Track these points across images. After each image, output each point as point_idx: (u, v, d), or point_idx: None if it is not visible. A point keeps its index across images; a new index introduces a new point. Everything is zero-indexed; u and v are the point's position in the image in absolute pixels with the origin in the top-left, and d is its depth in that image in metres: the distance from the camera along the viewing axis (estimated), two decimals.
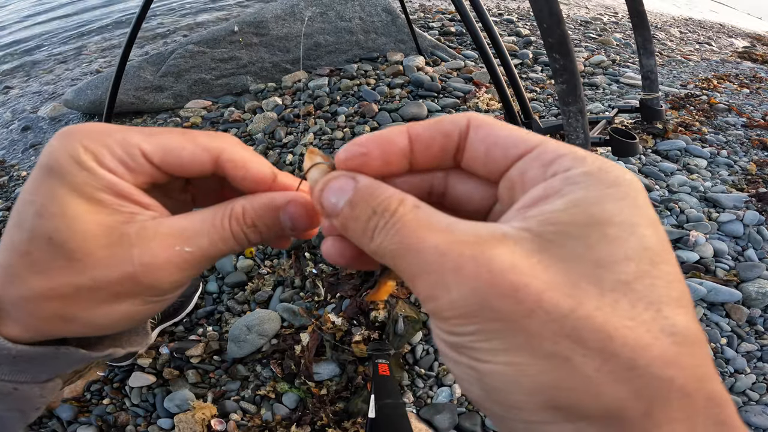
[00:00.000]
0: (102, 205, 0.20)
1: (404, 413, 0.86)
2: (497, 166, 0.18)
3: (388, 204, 0.17)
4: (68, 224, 0.19)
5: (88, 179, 0.19)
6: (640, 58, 1.50)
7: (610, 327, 0.13)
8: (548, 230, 0.15)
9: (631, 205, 0.15)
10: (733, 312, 1.25)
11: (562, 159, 0.16)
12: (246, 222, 0.22)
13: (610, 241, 0.14)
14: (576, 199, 0.15)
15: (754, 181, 1.74)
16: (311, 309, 1.24)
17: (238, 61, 2.37)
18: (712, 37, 4.04)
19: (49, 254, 0.19)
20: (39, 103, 2.49)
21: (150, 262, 0.20)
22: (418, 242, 0.16)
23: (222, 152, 0.22)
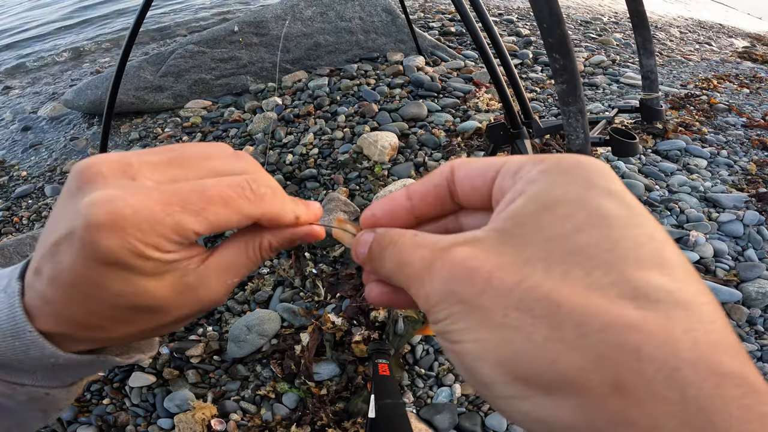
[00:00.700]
0: (167, 273, 0.22)
1: (404, 413, 0.86)
2: (483, 192, 0.21)
3: (392, 237, 0.21)
4: (147, 297, 0.22)
5: (154, 266, 0.21)
6: (640, 58, 1.50)
7: (557, 295, 0.14)
8: (508, 224, 0.16)
9: (583, 184, 0.16)
10: (733, 312, 1.25)
11: (525, 165, 0.18)
12: (271, 250, 0.27)
13: (560, 219, 0.15)
14: (532, 193, 0.17)
15: (754, 181, 1.74)
16: (311, 309, 1.24)
17: (238, 61, 2.37)
18: (712, 37, 4.04)
19: (136, 314, 0.22)
20: (39, 103, 2.49)
21: (213, 298, 0.24)
22: (410, 256, 0.19)
23: (262, 216, 0.24)
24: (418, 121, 1.98)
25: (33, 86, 2.62)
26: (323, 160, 1.80)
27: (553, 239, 0.15)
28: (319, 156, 1.82)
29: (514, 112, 1.21)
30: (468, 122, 1.93)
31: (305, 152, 1.84)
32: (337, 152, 1.82)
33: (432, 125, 1.95)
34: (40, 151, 2.16)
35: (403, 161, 1.77)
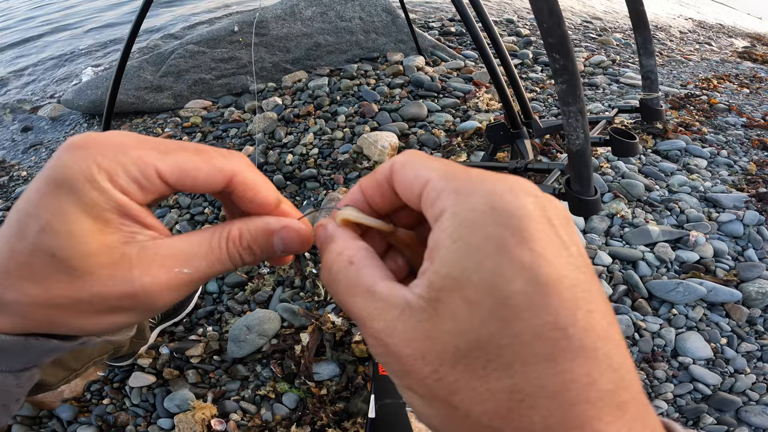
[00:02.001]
0: (107, 224, 0.20)
1: (404, 413, 0.86)
2: (415, 205, 0.20)
3: (329, 260, 0.21)
4: (72, 243, 0.19)
5: (99, 199, 0.19)
6: (640, 58, 1.50)
7: (455, 386, 0.16)
8: (431, 297, 0.17)
9: (493, 252, 0.16)
10: (733, 312, 1.25)
11: (440, 196, 0.18)
12: (242, 244, 0.23)
13: (469, 307, 0.16)
14: (444, 258, 0.17)
15: (754, 181, 1.74)
16: (311, 309, 1.24)
17: (238, 61, 2.37)
18: (712, 37, 4.04)
19: (51, 268, 0.19)
20: (39, 103, 2.49)
21: (150, 283, 0.21)
22: (345, 303, 0.20)
23: (235, 174, 0.22)
24: (418, 121, 1.98)
25: (33, 86, 2.62)
26: (323, 160, 1.80)
27: (463, 333, 0.16)
28: (319, 156, 1.82)
29: (514, 112, 1.21)
30: (468, 122, 1.93)
31: (305, 152, 1.84)
32: (337, 152, 1.82)
33: (432, 125, 1.95)
34: (41, 151, 2.16)
35: None
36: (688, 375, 1.13)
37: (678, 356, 1.17)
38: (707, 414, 1.06)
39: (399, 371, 0.18)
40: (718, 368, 1.14)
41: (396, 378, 0.19)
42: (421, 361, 0.17)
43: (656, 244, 1.41)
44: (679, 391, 1.10)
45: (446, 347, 0.16)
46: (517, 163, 1.18)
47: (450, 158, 1.76)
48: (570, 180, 0.93)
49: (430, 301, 0.17)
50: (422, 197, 0.19)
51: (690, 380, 1.12)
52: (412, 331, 0.17)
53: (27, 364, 0.23)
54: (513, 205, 0.16)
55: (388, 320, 0.18)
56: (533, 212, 0.16)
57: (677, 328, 1.22)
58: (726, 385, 1.11)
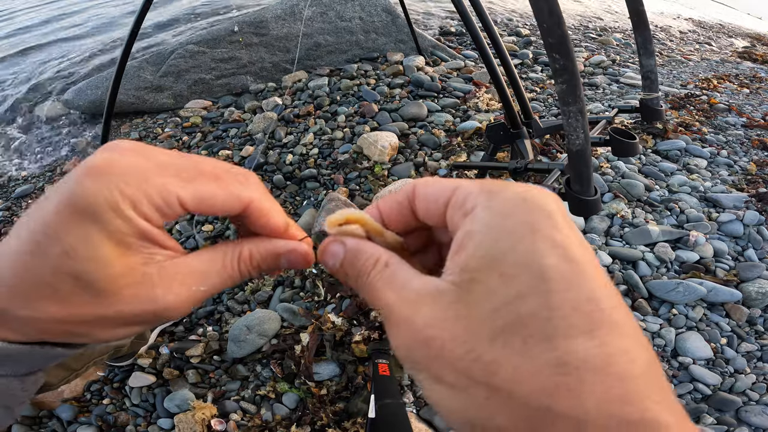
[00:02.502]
0: (129, 248, 0.21)
1: (404, 413, 0.86)
2: (437, 216, 0.22)
3: (365, 266, 0.22)
4: (98, 267, 0.20)
5: (123, 227, 0.20)
6: (640, 58, 1.50)
7: (495, 365, 0.16)
8: (464, 279, 0.18)
9: (528, 233, 0.17)
10: (733, 312, 1.25)
11: (470, 197, 0.19)
12: (252, 264, 0.25)
13: (505, 282, 0.16)
14: (479, 242, 0.18)
15: (754, 181, 1.74)
16: (311, 309, 1.24)
17: (238, 61, 2.37)
18: (712, 37, 4.04)
19: (75, 289, 0.20)
20: (39, 103, 2.49)
21: (173, 301, 0.22)
22: (380, 301, 0.20)
23: (251, 202, 0.24)
24: (418, 121, 1.98)
25: (33, 86, 2.62)
26: (323, 160, 1.80)
27: (499, 309, 0.16)
28: (319, 156, 1.82)
29: (514, 112, 1.21)
30: (468, 122, 1.93)
31: (305, 152, 1.84)
32: (337, 152, 1.82)
33: (432, 125, 1.95)
34: (40, 151, 2.16)
35: (403, 161, 1.77)
36: (688, 375, 1.13)
37: (678, 356, 1.17)
38: (707, 414, 1.06)
39: (427, 357, 0.18)
40: (718, 368, 1.14)
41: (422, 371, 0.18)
42: (452, 342, 0.17)
43: (656, 244, 1.41)
44: (679, 391, 1.10)
45: (481, 325, 0.17)
46: (517, 163, 1.18)
47: (450, 158, 1.76)
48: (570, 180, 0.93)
49: (462, 284, 0.18)
50: (450, 201, 0.20)
51: (690, 380, 1.12)
52: (441, 313, 0.18)
53: (32, 368, 0.23)
54: (541, 199, 0.18)
55: (417, 306, 0.18)
56: (557, 207, 0.18)
57: (677, 328, 1.22)
58: (726, 385, 1.11)
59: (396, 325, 0.19)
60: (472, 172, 1.62)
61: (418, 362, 0.18)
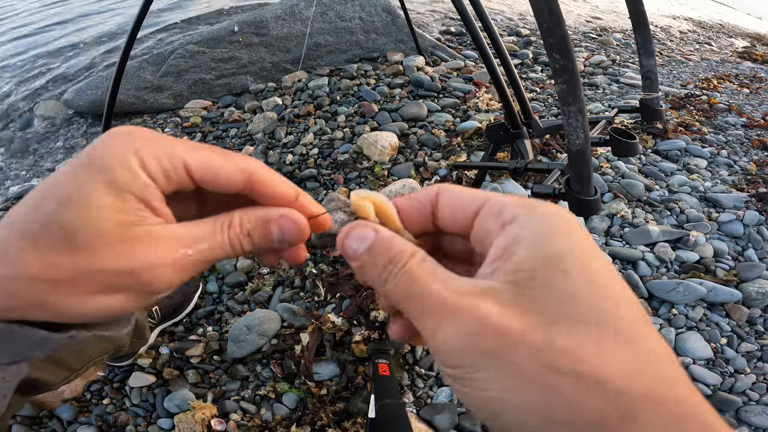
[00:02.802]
0: (124, 204, 0.21)
1: (404, 413, 0.86)
2: (462, 223, 0.22)
3: (401, 256, 0.21)
4: (86, 215, 0.20)
5: (124, 179, 0.21)
6: (640, 58, 1.50)
7: (579, 354, 0.17)
8: (519, 277, 0.18)
9: (575, 240, 0.19)
10: (733, 312, 1.25)
11: (507, 209, 0.20)
12: (242, 231, 0.24)
13: (568, 278, 0.18)
14: (531, 245, 0.19)
15: (754, 181, 1.74)
16: (311, 309, 1.24)
17: (238, 61, 2.37)
18: (712, 37, 4.04)
19: (57, 239, 0.20)
20: (38, 103, 2.49)
21: (153, 261, 0.21)
22: (424, 288, 0.19)
23: (255, 172, 0.24)
24: (418, 121, 1.98)
25: (33, 86, 2.62)
26: (323, 160, 1.80)
27: (566, 300, 0.17)
28: (319, 156, 1.82)
29: (514, 112, 1.21)
30: (468, 122, 1.93)
31: (305, 152, 1.84)
32: (337, 152, 1.82)
33: (432, 125, 1.95)
34: (40, 151, 2.16)
35: (403, 161, 1.77)
36: (688, 375, 1.13)
37: (678, 356, 1.17)
38: None
39: (505, 347, 0.17)
40: (718, 368, 1.14)
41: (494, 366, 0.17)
42: (531, 331, 0.17)
43: (656, 244, 1.41)
44: None
45: (553, 316, 0.17)
46: (517, 163, 1.18)
47: (450, 158, 1.76)
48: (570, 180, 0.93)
49: (520, 281, 0.18)
50: (482, 211, 0.21)
51: (690, 380, 1.12)
52: (508, 305, 0.18)
53: (14, 358, 0.22)
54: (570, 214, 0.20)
55: (478, 298, 0.18)
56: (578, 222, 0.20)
57: (677, 328, 1.22)
58: (726, 385, 1.11)
59: (452, 315, 0.18)
60: (472, 172, 1.62)
61: (488, 353, 0.17)
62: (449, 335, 0.18)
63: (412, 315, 0.20)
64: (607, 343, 0.17)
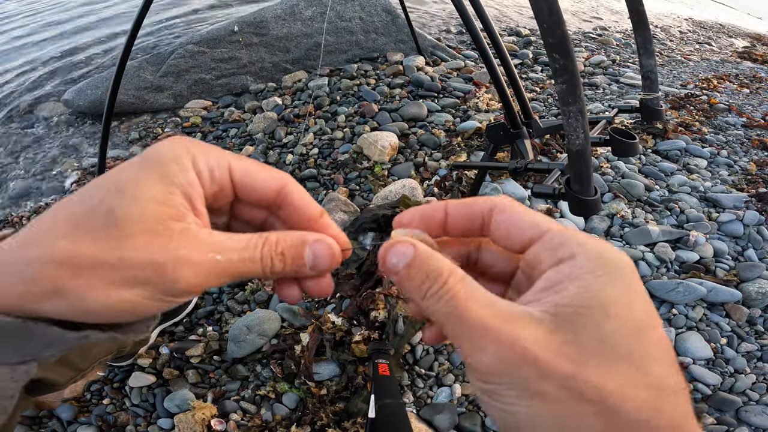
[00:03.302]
0: (170, 196, 0.22)
1: (404, 413, 0.86)
2: (515, 244, 0.24)
3: (440, 272, 0.22)
4: (133, 202, 0.21)
5: (174, 171, 0.22)
6: (640, 58, 1.50)
7: (604, 385, 0.18)
8: (563, 312, 0.20)
9: (626, 287, 0.20)
10: (733, 312, 1.25)
11: (567, 245, 0.21)
12: (276, 249, 0.25)
13: (611, 319, 0.19)
14: (584, 285, 0.20)
15: (754, 181, 1.74)
16: (311, 309, 1.24)
17: (238, 61, 2.37)
18: (712, 37, 4.04)
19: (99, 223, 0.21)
20: (38, 103, 2.49)
21: (182, 258, 0.21)
22: (467, 312, 0.20)
23: (287, 184, 0.26)
24: (418, 121, 1.98)
25: (33, 86, 2.62)
26: (323, 160, 1.80)
27: (606, 338, 0.19)
28: (319, 156, 1.82)
29: (514, 112, 1.21)
30: (468, 122, 1.93)
31: (305, 152, 1.84)
32: (337, 152, 1.82)
33: (432, 125, 1.95)
34: (39, 151, 2.16)
35: (403, 161, 1.76)
36: (688, 375, 1.13)
37: (678, 356, 1.17)
38: (707, 414, 1.06)
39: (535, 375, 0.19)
40: (718, 368, 1.14)
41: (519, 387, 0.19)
42: (563, 361, 0.19)
43: (656, 244, 1.41)
44: None
45: (590, 351, 0.19)
46: (517, 163, 1.18)
47: (450, 158, 1.76)
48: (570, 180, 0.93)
49: (563, 315, 0.20)
50: (541, 240, 0.22)
51: (690, 380, 1.12)
52: (546, 336, 0.19)
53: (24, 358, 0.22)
54: (628, 260, 0.22)
55: (518, 326, 0.20)
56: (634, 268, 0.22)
57: (677, 328, 1.22)
58: (726, 385, 1.11)
59: (494, 341, 0.20)
60: (472, 172, 1.62)
61: (522, 378, 0.19)
62: (488, 359, 0.20)
63: (450, 333, 0.21)
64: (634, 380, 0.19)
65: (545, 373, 0.19)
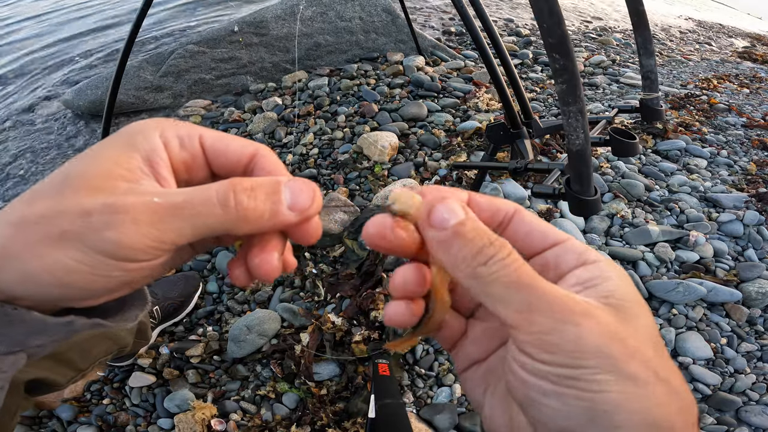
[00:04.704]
0: (127, 160, 0.21)
1: (404, 413, 0.86)
2: (533, 245, 0.24)
3: (505, 244, 0.21)
4: (89, 162, 0.21)
5: (140, 140, 0.22)
6: (640, 58, 1.50)
7: (665, 367, 0.20)
8: (612, 302, 0.21)
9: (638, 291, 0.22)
10: (733, 312, 1.25)
11: (590, 252, 0.23)
12: (242, 184, 0.21)
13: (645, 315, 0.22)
14: (616, 284, 0.22)
15: (754, 181, 1.74)
16: (311, 309, 1.24)
17: (238, 61, 2.37)
18: (712, 37, 4.04)
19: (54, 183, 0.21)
20: (38, 103, 2.49)
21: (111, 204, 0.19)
22: (540, 286, 0.20)
23: (259, 149, 0.25)
24: (418, 121, 1.98)
25: (32, 86, 2.62)
26: (323, 160, 1.80)
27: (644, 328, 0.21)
28: (319, 156, 1.82)
29: (514, 112, 1.21)
30: (468, 122, 1.93)
31: (305, 152, 1.84)
32: (337, 152, 1.82)
33: (432, 125, 1.95)
34: (39, 152, 2.16)
35: (403, 161, 1.76)
36: (688, 375, 1.13)
37: (678, 356, 1.17)
38: (707, 414, 1.06)
39: (624, 354, 0.19)
40: (718, 368, 1.14)
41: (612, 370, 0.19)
42: (642, 343, 0.20)
43: (656, 244, 1.41)
44: None
45: (646, 337, 0.20)
46: (517, 163, 1.18)
47: (450, 158, 1.76)
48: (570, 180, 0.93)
49: (612, 305, 0.21)
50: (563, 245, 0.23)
51: (690, 380, 1.12)
52: (617, 319, 0.20)
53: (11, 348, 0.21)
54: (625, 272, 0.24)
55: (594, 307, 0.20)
56: None
57: (677, 328, 1.22)
58: (726, 385, 1.11)
59: (585, 316, 0.19)
60: (472, 172, 1.62)
61: (613, 356, 0.19)
62: (579, 333, 0.19)
63: (517, 306, 0.20)
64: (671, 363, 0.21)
65: (632, 352, 0.19)
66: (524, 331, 0.20)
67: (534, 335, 0.19)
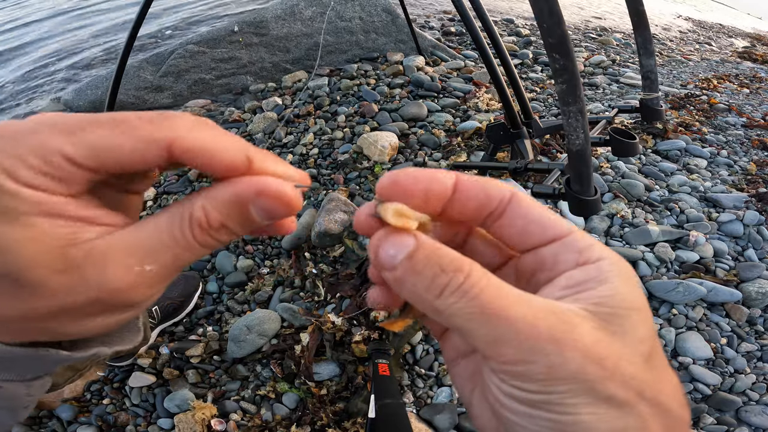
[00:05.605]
0: (36, 230, 0.16)
1: (404, 413, 0.86)
2: (529, 240, 0.21)
3: (460, 265, 0.18)
4: (14, 258, 0.16)
5: (11, 203, 0.16)
6: (640, 58, 1.50)
7: (657, 385, 0.19)
8: (603, 311, 0.19)
9: (641, 293, 0.21)
10: (733, 312, 1.25)
11: (594, 248, 0.21)
12: (212, 225, 0.19)
13: (642, 323, 0.19)
14: (614, 288, 0.19)
15: (754, 181, 1.74)
16: (311, 309, 1.24)
17: (238, 61, 2.37)
18: (712, 37, 4.04)
19: (12, 287, 0.17)
20: (38, 103, 2.49)
21: (113, 286, 0.18)
22: (502, 311, 0.17)
23: (173, 142, 0.18)
24: (418, 121, 1.98)
25: (32, 86, 2.62)
26: (323, 160, 1.80)
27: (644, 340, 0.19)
28: (319, 156, 1.82)
29: (514, 112, 1.21)
30: (468, 122, 1.93)
31: (305, 152, 1.84)
32: (337, 152, 1.82)
33: (432, 125, 1.95)
34: None
35: (403, 161, 1.76)
36: (688, 375, 1.13)
37: (678, 356, 1.17)
38: (707, 414, 1.07)
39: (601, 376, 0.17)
40: (718, 368, 1.14)
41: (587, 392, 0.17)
42: (623, 361, 0.18)
43: (656, 244, 1.41)
44: None
45: (634, 350, 0.19)
46: (517, 163, 1.18)
47: (450, 158, 1.76)
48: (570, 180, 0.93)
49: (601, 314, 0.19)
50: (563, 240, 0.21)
51: (690, 380, 1.12)
52: (597, 333, 0.18)
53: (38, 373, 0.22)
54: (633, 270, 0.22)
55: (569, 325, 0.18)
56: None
57: (677, 328, 1.22)
58: (726, 385, 1.11)
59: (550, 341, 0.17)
60: (472, 172, 1.62)
61: (588, 380, 0.17)
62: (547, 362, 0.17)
63: (485, 338, 0.18)
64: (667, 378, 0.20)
65: (610, 373, 0.17)
66: (494, 360, 0.18)
67: (504, 365, 0.18)
